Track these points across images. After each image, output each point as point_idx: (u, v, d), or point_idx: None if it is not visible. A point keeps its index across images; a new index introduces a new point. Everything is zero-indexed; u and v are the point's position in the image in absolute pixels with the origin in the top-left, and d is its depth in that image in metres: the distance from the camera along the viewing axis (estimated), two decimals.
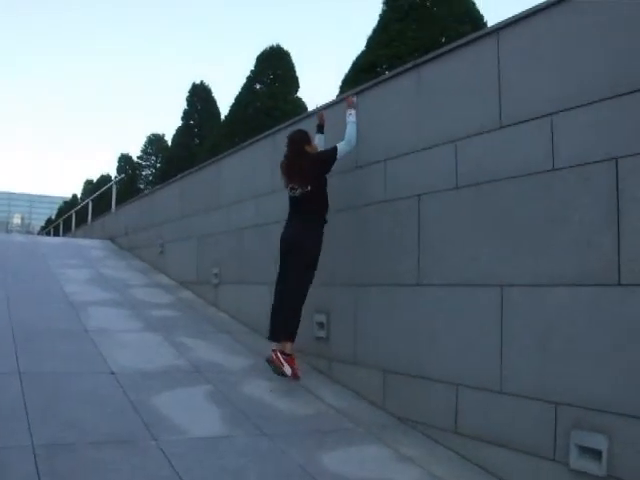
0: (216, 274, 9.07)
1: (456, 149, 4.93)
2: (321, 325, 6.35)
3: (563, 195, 4.05)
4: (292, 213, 6.25)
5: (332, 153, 5.98)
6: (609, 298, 3.72)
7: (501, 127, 4.56)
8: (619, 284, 3.67)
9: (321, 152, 6.24)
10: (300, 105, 20.92)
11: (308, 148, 6.17)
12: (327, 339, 6.30)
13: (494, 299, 4.46)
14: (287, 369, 5.89)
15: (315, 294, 6.33)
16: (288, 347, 5.99)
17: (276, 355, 5.92)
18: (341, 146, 5.95)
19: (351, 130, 5.97)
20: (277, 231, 7.25)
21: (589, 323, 3.81)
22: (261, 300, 7.54)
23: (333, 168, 6.01)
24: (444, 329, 4.90)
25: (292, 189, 6.12)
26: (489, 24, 12.85)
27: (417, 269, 5.20)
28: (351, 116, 6.01)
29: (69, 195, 70.64)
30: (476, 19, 13.01)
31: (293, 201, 6.21)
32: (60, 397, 4.83)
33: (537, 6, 4.39)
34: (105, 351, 6.14)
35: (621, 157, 3.72)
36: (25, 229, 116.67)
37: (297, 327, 6.03)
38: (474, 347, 4.61)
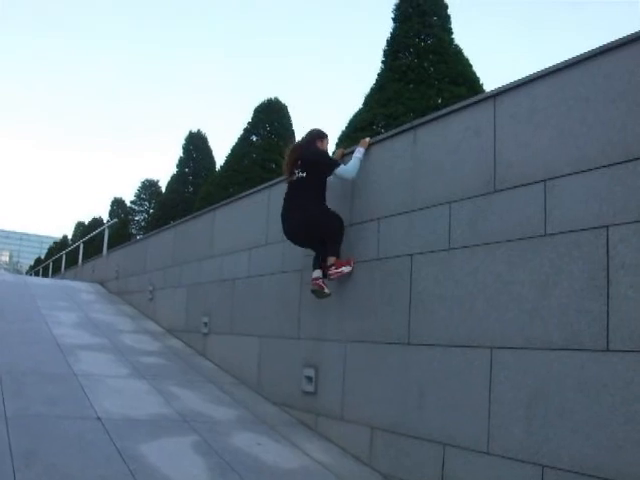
0: (206, 323, 9.07)
1: (450, 210, 5.01)
2: (309, 379, 6.35)
3: (554, 260, 4.12)
4: (287, 199, 6.33)
5: (333, 161, 6.19)
6: (598, 363, 3.77)
7: (495, 191, 4.65)
8: (608, 350, 3.73)
9: (325, 152, 6.43)
10: None
11: (319, 143, 6.37)
12: (315, 393, 6.30)
13: (484, 360, 4.50)
14: (345, 268, 6.00)
15: (304, 348, 6.36)
16: (331, 259, 6.03)
17: (316, 283, 6.05)
18: (343, 167, 6.06)
19: (355, 163, 6.07)
20: (270, 284, 7.32)
21: (578, 387, 3.85)
22: (250, 352, 7.57)
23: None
24: (433, 388, 4.93)
25: (291, 174, 6.23)
26: (485, 86, 13.07)
27: (408, 328, 5.24)
28: (359, 153, 6.14)
29: (59, 235, 70.48)
30: (472, 81, 13.18)
31: (290, 187, 6.31)
32: (46, 441, 4.81)
33: (535, 74, 4.52)
34: (92, 396, 6.12)
35: (612, 225, 3.81)
36: (13, 267, 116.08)
37: (338, 249, 6.10)
38: (462, 407, 4.63)
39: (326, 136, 6.50)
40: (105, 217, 44.12)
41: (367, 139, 6.29)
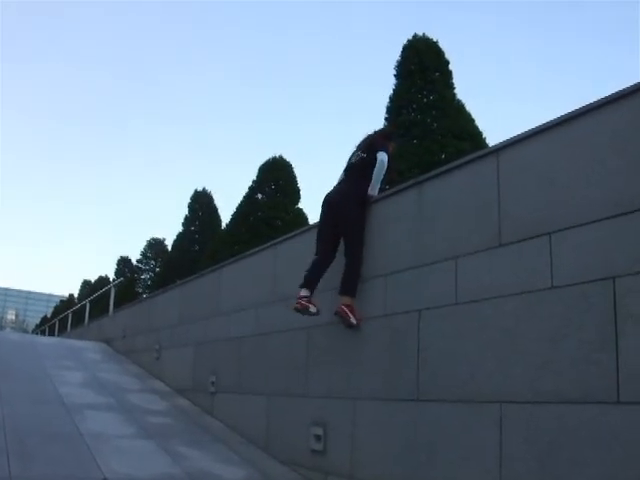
0: (213, 382, 9.01)
1: (456, 265, 5.02)
2: (318, 438, 6.29)
3: (562, 313, 4.11)
4: (338, 182, 6.75)
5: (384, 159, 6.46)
6: (609, 416, 3.73)
7: (500, 245, 4.66)
8: (619, 402, 3.69)
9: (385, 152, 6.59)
10: (301, 216, 21.15)
11: (388, 142, 6.77)
12: (324, 452, 6.23)
13: (493, 416, 4.46)
14: (353, 319, 5.99)
15: (312, 406, 6.32)
16: (346, 299, 6.06)
17: (342, 309, 6.03)
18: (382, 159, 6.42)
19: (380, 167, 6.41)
20: (277, 342, 7.29)
21: (590, 440, 3.81)
22: (258, 410, 7.52)
23: None
24: (443, 445, 4.87)
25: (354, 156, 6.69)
26: (488, 141, 13.18)
27: (416, 384, 5.21)
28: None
29: (66, 294, 70.57)
30: (475, 135, 13.33)
31: (347, 167, 6.72)
32: None
33: (536, 128, 4.57)
34: (98, 456, 6.07)
35: (619, 276, 3.81)
36: (19, 326, 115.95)
37: (354, 286, 6.12)
38: (473, 463, 4.58)
39: (393, 142, 7.00)
40: (111, 276, 44.21)
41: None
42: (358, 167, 6.51)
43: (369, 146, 6.59)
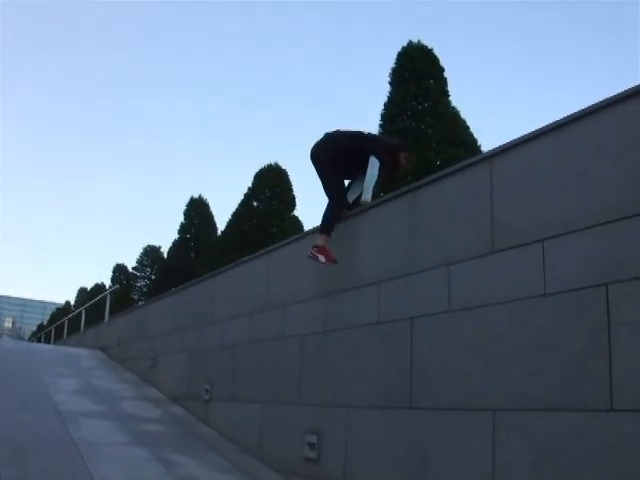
0: (207, 390, 8.99)
1: (449, 272, 5.01)
2: (312, 446, 6.27)
3: (555, 320, 4.10)
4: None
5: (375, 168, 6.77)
6: (602, 423, 3.72)
7: (493, 252, 4.66)
8: (612, 409, 3.68)
9: (387, 145, 7.09)
10: (296, 224, 21.14)
11: (401, 156, 7.04)
12: (318, 460, 6.21)
13: (486, 423, 4.44)
14: (321, 258, 6.35)
15: (306, 414, 6.31)
16: (318, 240, 6.48)
17: (311, 252, 6.41)
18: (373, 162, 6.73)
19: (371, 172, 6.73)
20: (271, 349, 7.28)
21: (583, 448, 3.80)
22: (252, 418, 7.50)
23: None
24: (436, 452, 4.86)
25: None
26: (482, 147, 13.19)
27: (410, 392, 5.20)
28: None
29: (62, 301, 70.44)
30: (469, 142, 13.34)
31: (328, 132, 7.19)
32: None
33: (529, 134, 4.57)
34: (91, 464, 6.06)
35: (611, 283, 3.81)
36: (16, 333, 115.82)
37: (327, 223, 6.52)
38: (466, 471, 4.56)
39: (403, 155, 7.09)
40: (107, 283, 44.12)
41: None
42: (338, 136, 7.06)
43: (360, 139, 6.95)
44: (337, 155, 6.90)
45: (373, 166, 6.68)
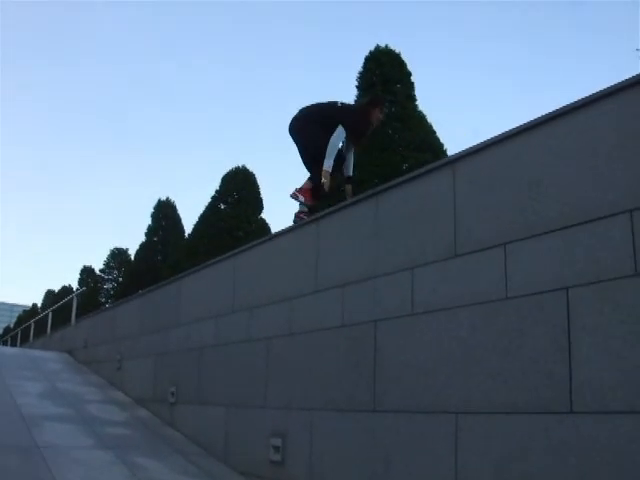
0: (173, 393, 8.96)
1: (413, 276, 5.04)
2: (276, 449, 6.27)
3: (516, 323, 4.15)
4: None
5: (348, 123, 7.41)
6: (562, 426, 3.77)
7: (456, 255, 4.70)
8: (571, 411, 3.73)
9: (357, 117, 7.62)
10: (264, 226, 21.11)
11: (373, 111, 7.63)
12: (282, 463, 6.21)
13: (449, 426, 4.48)
14: (301, 197, 7.49)
15: (271, 417, 6.31)
16: (307, 184, 7.63)
17: (294, 193, 7.55)
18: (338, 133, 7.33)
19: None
20: (236, 352, 7.28)
21: (544, 451, 3.84)
22: (217, 421, 7.49)
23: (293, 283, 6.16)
24: (399, 456, 4.88)
25: None
26: (449, 152, 13.25)
27: (373, 395, 5.22)
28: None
29: (29, 304, 69.76)
30: (436, 147, 13.39)
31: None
32: None
33: (491, 139, 4.63)
34: (55, 468, 6.00)
35: (571, 286, 3.86)
36: None
37: (315, 176, 7.47)
38: (429, 474, 4.59)
39: (378, 108, 7.75)
40: (75, 285, 43.81)
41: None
42: (313, 108, 7.68)
43: (332, 109, 7.56)
44: (313, 125, 7.47)
45: (337, 135, 7.25)
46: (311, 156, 7.52)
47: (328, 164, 7.27)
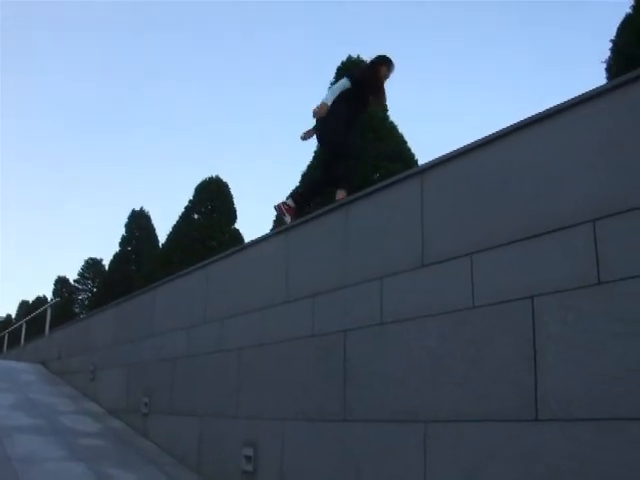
0: (146, 403, 8.93)
1: (382, 285, 5.08)
2: (248, 459, 6.27)
3: (483, 332, 4.19)
4: None
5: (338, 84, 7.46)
6: (528, 434, 3.80)
7: (423, 265, 4.74)
8: (537, 419, 3.77)
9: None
10: (237, 237, 21.01)
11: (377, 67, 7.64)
12: (254, 473, 6.22)
13: (418, 435, 4.50)
14: (287, 218, 7.20)
15: (243, 427, 6.32)
16: (289, 200, 7.43)
17: (278, 206, 7.38)
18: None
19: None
20: (208, 363, 7.27)
21: (511, 459, 3.87)
22: (190, 432, 7.48)
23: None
24: (369, 465, 4.90)
25: None
26: (420, 161, 13.28)
27: (343, 405, 5.25)
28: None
29: (3, 314, 69.01)
30: (406, 158, 13.39)
31: None
32: None
33: (459, 149, 4.68)
34: None
35: (536, 295, 3.90)
36: None
37: (301, 192, 7.72)
38: None
39: (382, 68, 7.62)
40: (49, 296, 43.42)
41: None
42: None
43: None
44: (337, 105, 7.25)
45: (340, 83, 7.37)
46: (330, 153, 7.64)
47: (326, 99, 7.25)
